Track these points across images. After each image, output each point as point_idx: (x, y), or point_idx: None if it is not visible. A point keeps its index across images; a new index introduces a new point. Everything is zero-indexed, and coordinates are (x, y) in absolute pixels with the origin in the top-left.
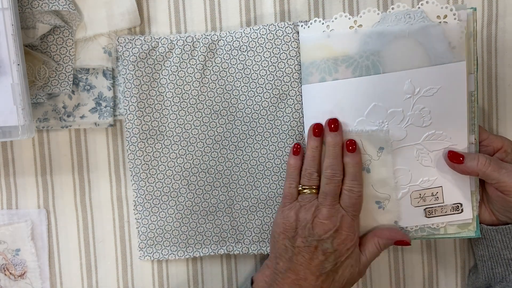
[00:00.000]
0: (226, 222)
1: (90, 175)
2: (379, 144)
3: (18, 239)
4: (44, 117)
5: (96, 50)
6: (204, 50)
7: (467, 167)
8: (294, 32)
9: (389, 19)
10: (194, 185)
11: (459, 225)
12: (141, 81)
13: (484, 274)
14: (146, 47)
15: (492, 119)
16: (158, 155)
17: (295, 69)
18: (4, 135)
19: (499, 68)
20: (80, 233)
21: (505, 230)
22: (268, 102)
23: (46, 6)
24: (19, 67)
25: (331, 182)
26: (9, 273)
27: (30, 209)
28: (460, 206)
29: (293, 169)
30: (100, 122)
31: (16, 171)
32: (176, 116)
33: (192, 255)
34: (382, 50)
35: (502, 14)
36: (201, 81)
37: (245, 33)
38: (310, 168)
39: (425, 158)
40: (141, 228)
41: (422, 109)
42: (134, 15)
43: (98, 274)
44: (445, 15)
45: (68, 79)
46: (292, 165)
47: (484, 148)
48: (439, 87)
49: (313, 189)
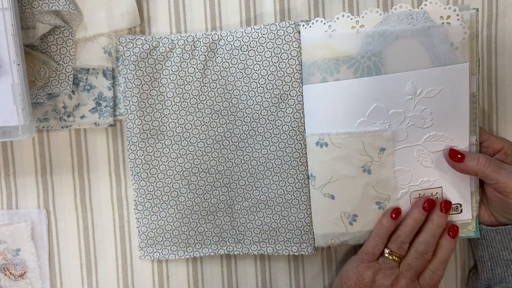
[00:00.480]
0: (226, 222)
1: (90, 175)
2: (380, 145)
3: (18, 239)
4: (44, 117)
5: (96, 50)
6: (205, 50)
7: (467, 166)
8: (295, 32)
9: (391, 19)
10: (195, 185)
11: (458, 225)
12: (142, 80)
13: (484, 275)
14: (147, 47)
15: (492, 120)
16: (159, 155)
17: (296, 69)
18: (4, 135)
19: (499, 68)
20: (80, 233)
21: (504, 231)
22: (269, 102)
23: (46, 6)
24: (19, 67)
25: (421, 258)
26: (9, 273)
27: (30, 209)
28: (460, 206)
29: (385, 230)
30: (100, 122)
31: (16, 171)
32: (177, 116)
33: (192, 255)
34: (384, 51)
35: (502, 14)
36: (202, 81)
37: (246, 33)
38: (405, 237)
39: (425, 158)
40: (141, 227)
41: (424, 110)
42: (134, 15)
43: (98, 274)
44: (448, 16)
45: (68, 79)
46: (385, 226)
47: (484, 149)
48: (441, 89)
49: (399, 258)
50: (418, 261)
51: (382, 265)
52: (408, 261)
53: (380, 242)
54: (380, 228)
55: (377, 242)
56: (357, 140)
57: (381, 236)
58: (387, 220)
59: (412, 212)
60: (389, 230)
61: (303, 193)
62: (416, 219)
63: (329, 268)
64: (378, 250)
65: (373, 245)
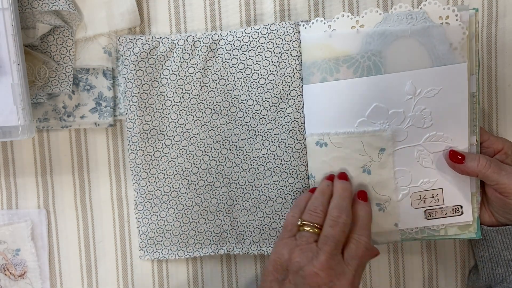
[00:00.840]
0: (226, 222)
1: (90, 175)
2: (380, 145)
3: (18, 239)
4: (44, 117)
5: (96, 50)
6: (205, 50)
7: (467, 167)
8: (295, 32)
9: (391, 19)
10: (195, 185)
11: (459, 227)
12: (142, 80)
13: (485, 275)
14: (147, 47)
15: (492, 120)
16: (159, 155)
17: (296, 69)
18: (4, 135)
19: (499, 68)
20: (80, 233)
21: (505, 231)
22: (269, 102)
23: (46, 6)
24: (19, 67)
25: (336, 225)
26: (9, 273)
27: (30, 209)
28: (460, 208)
29: (301, 200)
30: (100, 122)
31: (16, 171)
32: (177, 116)
33: (192, 255)
34: (384, 51)
35: (502, 14)
36: (202, 81)
37: (246, 33)
38: (316, 201)
39: (425, 159)
40: (141, 227)
41: (423, 110)
42: (134, 15)
43: (98, 274)
44: (447, 16)
45: (68, 79)
46: (302, 197)
47: (484, 150)
48: (441, 88)
49: (315, 228)
50: (334, 230)
51: (299, 240)
52: (325, 233)
53: (297, 211)
54: (298, 200)
55: (294, 212)
56: (356, 140)
57: (298, 205)
58: (305, 193)
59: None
60: (305, 200)
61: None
62: (323, 189)
63: None
64: (295, 219)
65: (290, 215)
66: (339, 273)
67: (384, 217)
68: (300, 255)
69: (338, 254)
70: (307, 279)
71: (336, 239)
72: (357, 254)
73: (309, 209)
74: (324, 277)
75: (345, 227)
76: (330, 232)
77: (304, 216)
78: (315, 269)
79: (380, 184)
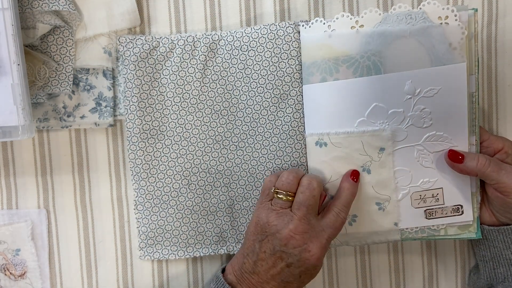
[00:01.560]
0: (226, 222)
1: (90, 175)
2: (379, 144)
3: (18, 239)
4: (44, 117)
5: (96, 50)
6: (205, 50)
7: (466, 167)
8: (295, 32)
9: (390, 19)
10: (195, 185)
11: (459, 227)
12: (142, 80)
13: (486, 274)
14: (147, 47)
15: (492, 119)
16: (159, 155)
17: (296, 69)
18: (4, 135)
19: (499, 68)
20: (80, 233)
21: (506, 230)
22: (269, 102)
23: (46, 6)
24: (19, 67)
25: (307, 192)
26: (9, 273)
27: (30, 209)
28: (461, 208)
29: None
30: (100, 122)
31: (16, 171)
32: (177, 116)
33: (192, 255)
34: (383, 51)
35: (502, 14)
36: (202, 81)
37: (246, 33)
38: (292, 171)
39: (425, 159)
40: (141, 227)
41: (423, 109)
42: (134, 15)
43: (98, 274)
44: (446, 16)
45: (68, 79)
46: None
47: (484, 149)
48: (440, 88)
49: (288, 196)
50: (305, 195)
51: (274, 206)
52: (296, 199)
53: (273, 178)
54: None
55: (271, 177)
56: (356, 139)
57: (277, 174)
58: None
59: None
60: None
61: None
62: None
63: (329, 268)
64: (271, 185)
65: (268, 180)
66: (313, 236)
67: (384, 217)
68: (277, 218)
69: (312, 218)
70: (283, 241)
71: (308, 203)
72: (334, 225)
73: (283, 177)
74: (299, 239)
75: (315, 191)
76: (302, 198)
77: (278, 184)
78: (290, 233)
79: (380, 184)
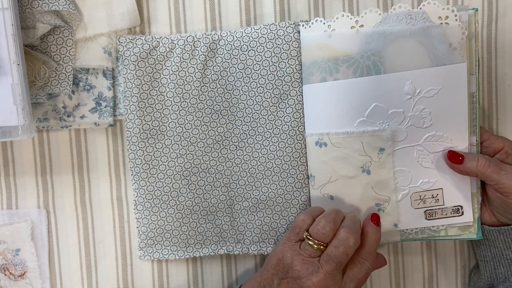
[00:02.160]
0: (226, 222)
1: (90, 175)
2: (379, 145)
3: (18, 239)
4: (44, 117)
5: (96, 50)
6: (205, 50)
7: (466, 168)
8: (295, 32)
9: (390, 19)
10: (195, 185)
11: (459, 227)
12: (142, 80)
13: (487, 274)
14: (147, 47)
15: (492, 119)
16: (159, 155)
17: (296, 69)
18: (4, 135)
19: (499, 68)
20: (80, 233)
21: (507, 231)
22: (269, 102)
23: (46, 6)
24: (19, 67)
25: (341, 246)
26: (9, 273)
27: (30, 209)
28: (461, 208)
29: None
30: (100, 122)
31: (16, 171)
32: (177, 116)
33: (192, 255)
34: (383, 51)
35: (502, 14)
36: (202, 81)
37: (246, 33)
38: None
39: (425, 159)
40: (141, 227)
41: (423, 110)
42: (134, 15)
43: (98, 274)
44: (446, 16)
45: (68, 79)
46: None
47: (484, 149)
48: (440, 88)
49: (320, 246)
50: (338, 251)
51: (302, 250)
52: (328, 251)
53: (307, 219)
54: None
55: (305, 217)
56: (356, 140)
57: (312, 212)
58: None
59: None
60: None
61: (303, 193)
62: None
63: None
64: (305, 226)
65: (301, 219)
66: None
67: (383, 218)
68: (302, 265)
69: (337, 274)
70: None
71: (339, 260)
72: (357, 277)
73: (319, 224)
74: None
75: (350, 250)
76: (334, 253)
77: (312, 230)
78: (312, 286)
79: (380, 184)
